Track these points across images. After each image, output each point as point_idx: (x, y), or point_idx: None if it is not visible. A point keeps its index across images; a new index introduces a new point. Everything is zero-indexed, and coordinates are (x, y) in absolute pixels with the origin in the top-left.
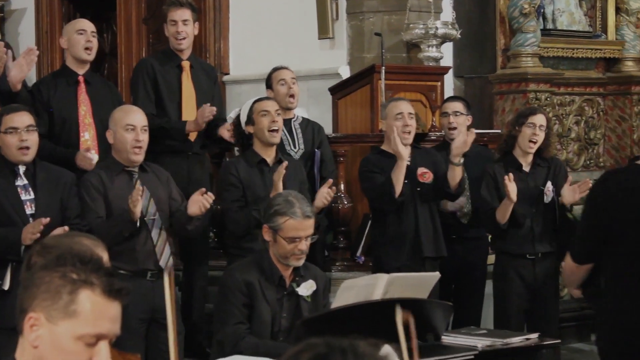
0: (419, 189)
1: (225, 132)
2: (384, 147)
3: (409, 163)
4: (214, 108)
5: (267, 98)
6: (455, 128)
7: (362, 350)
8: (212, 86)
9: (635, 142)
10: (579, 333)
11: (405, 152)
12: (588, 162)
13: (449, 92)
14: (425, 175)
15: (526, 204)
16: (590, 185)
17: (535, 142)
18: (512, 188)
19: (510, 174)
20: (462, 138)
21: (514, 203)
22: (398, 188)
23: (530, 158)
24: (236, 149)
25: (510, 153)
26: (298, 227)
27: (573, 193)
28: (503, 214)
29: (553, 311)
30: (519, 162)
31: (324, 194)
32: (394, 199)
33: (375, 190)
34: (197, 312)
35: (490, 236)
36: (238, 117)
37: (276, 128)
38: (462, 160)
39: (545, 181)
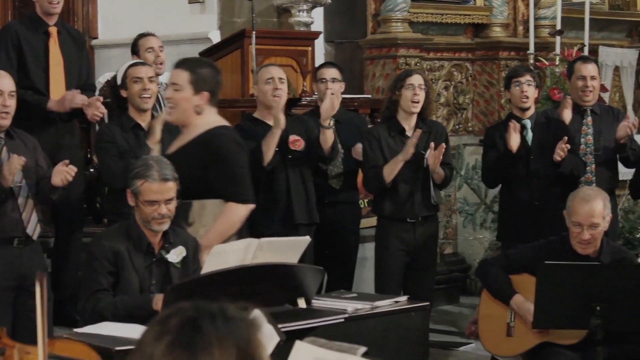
0: (290, 156)
1: (89, 110)
2: (256, 114)
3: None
4: (85, 97)
5: (141, 63)
6: (332, 95)
7: (232, 313)
8: (80, 52)
9: (503, 107)
10: (448, 295)
11: (283, 121)
12: (457, 126)
13: (319, 57)
14: (296, 142)
15: (407, 168)
16: None
17: (417, 102)
18: (514, 139)
19: (515, 122)
20: (329, 101)
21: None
22: (268, 156)
23: (413, 122)
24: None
25: (394, 117)
26: (155, 190)
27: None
28: (391, 171)
29: (430, 274)
30: (402, 126)
31: None
32: (262, 167)
33: None
34: (69, 279)
35: (367, 200)
36: (114, 78)
37: (148, 95)
38: (332, 123)
39: (426, 146)
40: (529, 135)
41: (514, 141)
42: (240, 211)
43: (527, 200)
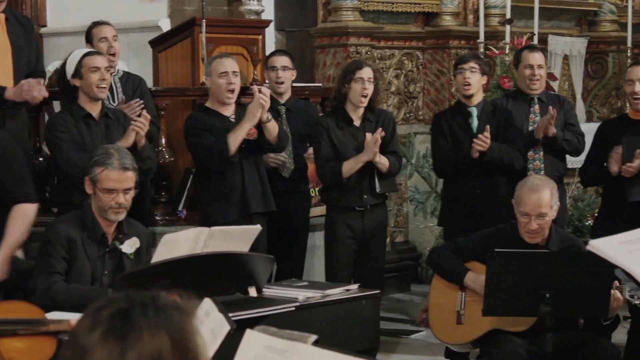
0: (243, 145)
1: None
2: (208, 104)
3: (233, 120)
4: (44, 93)
5: (97, 53)
6: (283, 82)
7: (163, 302)
8: (29, 39)
9: (453, 95)
10: (399, 284)
11: (257, 119)
12: (408, 115)
13: (270, 45)
14: (249, 132)
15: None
16: None
17: (366, 96)
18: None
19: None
20: (256, 101)
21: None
22: (234, 147)
23: (361, 112)
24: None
25: (342, 108)
26: (114, 179)
27: None
28: (350, 169)
29: (380, 262)
30: (350, 117)
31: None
32: (227, 158)
33: (204, 148)
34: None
35: (317, 189)
36: (63, 67)
37: (105, 86)
38: (270, 117)
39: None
40: (475, 123)
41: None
42: (33, 211)
43: (470, 187)
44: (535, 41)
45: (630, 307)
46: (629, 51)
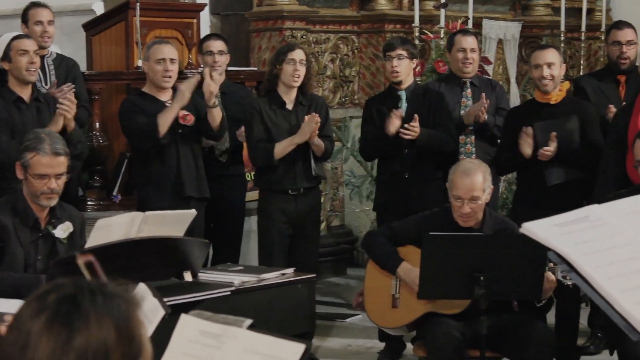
0: (180, 130)
1: None
2: (145, 89)
3: (169, 105)
4: None
5: (26, 36)
6: (220, 67)
7: (111, 291)
8: None
9: (388, 79)
10: (335, 267)
11: (187, 99)
12: (343, 99)
13: (205, 29)
14: (186, 117)
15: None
16: None
17: (298, 77)
18: (394, 125)
19: (396, 112)
20: (206, 83)
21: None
22: (164, 128)
23: (293, 95)
24: None
25: (275, 90)
26: (46, 164)
27: None
28: (283, 150)
29: (314, 246)
30: (283, 100)
31: None
32: (157, 139)
33: (136, 130)
34: None
35: (253, 173)
36: None
37: (34, 69)
38: (216, 102)
39: None
40: (404, 107)
41: (394, 127)
42: None
43: (399, 172)
44: (470, 25)
45: (558, 289)
46: (562, 35)
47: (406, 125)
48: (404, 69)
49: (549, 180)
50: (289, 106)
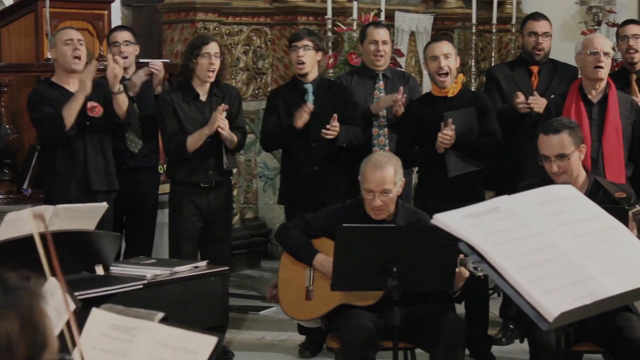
0: (88, 122)
1: None
2: (54, 79)
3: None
4: None
5: None
6: (126, 57)
7: (13, 283)
8: None
9: (293, 71)
10: (249, 260)
11: (90, 87)
12: (257, 91)
13: (116, 21)
14: (94, 109)
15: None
16: None
17: (213, 71)
18: (303, 118)
19: (308, 106)
20: (110, 69)
21: None
22: (70, 120)
23: (207, 87)
24: None
25: (189, 83)
26: None
27: None
28: (195, 142)
29: (227, 239)
30: (197, 92)
31: None
32: (64, 132)
33: (44, 122)
34: None
35: (166, 165)
36: None
37: None
38: (121, 88)
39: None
40: (310, 100)
41: (302, 121)
42: None
43: (307, 165)
44: (382, 18)
45: (469, 281)
46: (474, 28)
47: (328, 127)
48: (310, 60)
49: (450, 172)
50: (203, 98)
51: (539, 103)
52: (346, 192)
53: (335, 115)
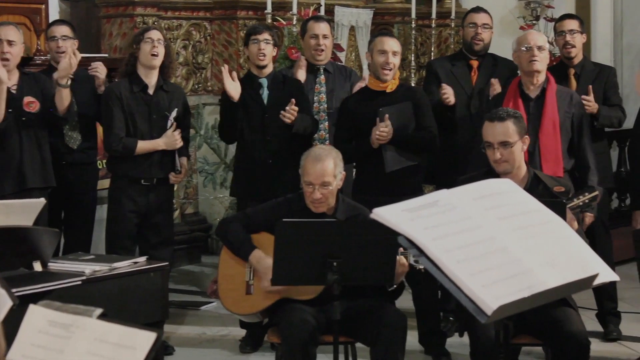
0: (24, 118)
1: None
2: None
3: (14, 91)
4: None
5: None
6: (64, 52)
7: None
8: None
9: (242, 67)
10: (189, 255)
11: (5, 76)
12: (196, 86)
13: (54, 15)
14: (31, 104)
15: (147, 128)
16: None
17: (156, 55)
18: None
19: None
20: (67, 60)
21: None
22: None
23: (154, 79)
24: None
25: (135, 72)
26: None
27: None
28: (145, 150)
29: (167, 234)
30: (145, 83)
31: None
32: None
33: None
34: None
35: (105, 161)
36: None
37: None
38: (69, 82)
39: (171, 107)
40: (265, 94)
41: (234, 92)
42: None
43: (261, 157)
44: (322, 12)
45: (410, 275)
46: (413, 22)
47: (287, 108)
48: (269, 54)
49: (387, 167)
50: (150, 90)
51: (447, 93)
52: (299, 185)
53: (294, 99)
